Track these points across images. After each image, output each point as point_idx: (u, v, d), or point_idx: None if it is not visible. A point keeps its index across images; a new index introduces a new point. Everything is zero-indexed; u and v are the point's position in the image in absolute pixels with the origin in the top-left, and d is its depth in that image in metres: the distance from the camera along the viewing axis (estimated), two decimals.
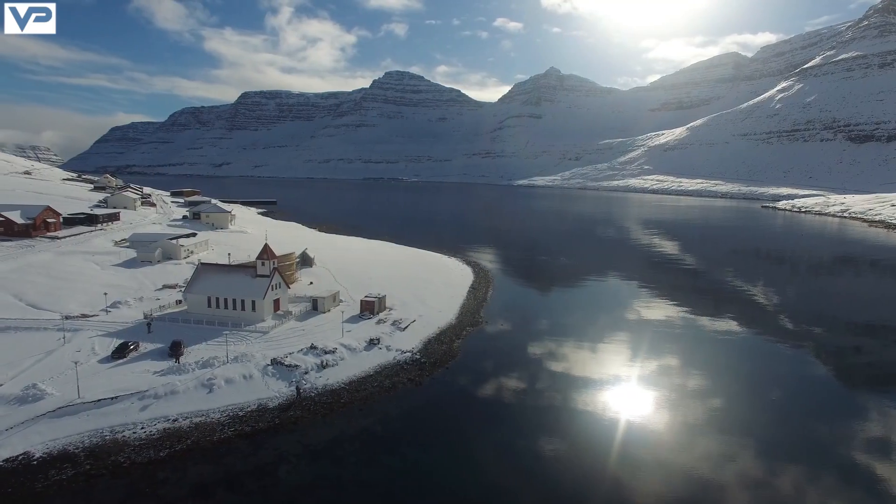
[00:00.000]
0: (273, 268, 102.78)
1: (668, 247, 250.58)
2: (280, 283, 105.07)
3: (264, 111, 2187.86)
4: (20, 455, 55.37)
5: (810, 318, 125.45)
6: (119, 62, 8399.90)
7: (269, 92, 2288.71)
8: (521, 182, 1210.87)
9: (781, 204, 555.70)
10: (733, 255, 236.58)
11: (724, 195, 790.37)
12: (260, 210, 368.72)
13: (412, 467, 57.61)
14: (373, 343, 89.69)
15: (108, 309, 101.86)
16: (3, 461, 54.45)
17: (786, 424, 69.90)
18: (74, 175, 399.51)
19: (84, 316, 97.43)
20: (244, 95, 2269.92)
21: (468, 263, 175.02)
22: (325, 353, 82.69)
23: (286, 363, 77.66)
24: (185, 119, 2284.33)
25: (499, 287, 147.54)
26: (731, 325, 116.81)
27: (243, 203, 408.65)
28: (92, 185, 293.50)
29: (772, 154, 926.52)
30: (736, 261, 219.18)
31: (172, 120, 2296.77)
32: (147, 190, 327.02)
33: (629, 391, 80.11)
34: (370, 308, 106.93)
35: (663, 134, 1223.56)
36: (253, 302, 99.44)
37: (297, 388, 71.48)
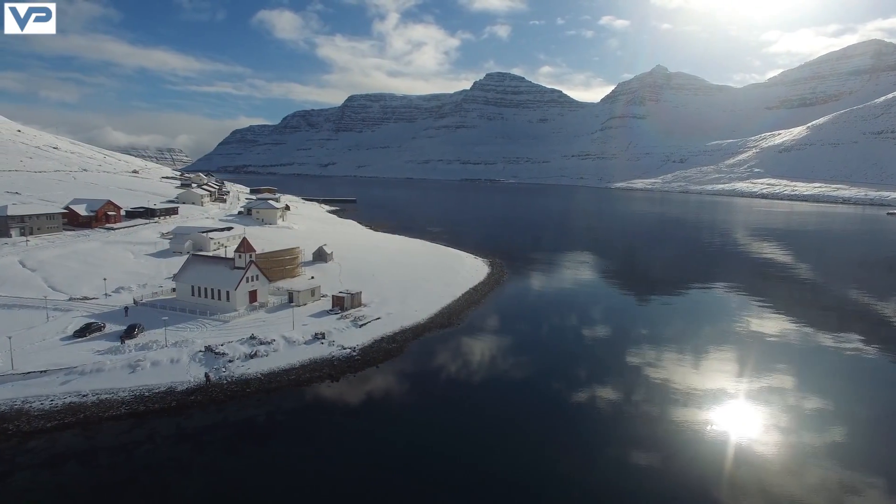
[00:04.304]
0: (249, 261, 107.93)
1: (782, 256, 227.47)
2: (258, 276, 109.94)
3: (369, 113, 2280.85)
4: None
5: None
6: (242, 70, 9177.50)
7: (373, 95, 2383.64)
8: (618, 185, 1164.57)
9: None
10: (859, 267, 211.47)
11: (845, 200, 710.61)
12: (332, 208, 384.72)
13: (270, 460, 57.85)
14: (317, 337, 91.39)
15: (110, 293, 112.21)
16: None
17: None
18: (177, 174, 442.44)
19: (85, 298, 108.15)
20: (350, 98, 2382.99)
21: (491, 265, 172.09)
22: (262, 343, 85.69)
23: (216, 351, 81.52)
24: (296, 122, 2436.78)
25: (506, 290, 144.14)
26: (858, 346, 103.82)
27: (322, 201, 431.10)
28: (179, 182, 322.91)
29: None
30: (863, 274, 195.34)
31: (285, 123, 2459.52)
32: (228, 187, 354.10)
33: (712, 407, 73.53)
34: (340, 304, 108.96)
35: (779, 134, 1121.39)
36: (227, 292, 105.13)
37: (207, 375, 74.83)
